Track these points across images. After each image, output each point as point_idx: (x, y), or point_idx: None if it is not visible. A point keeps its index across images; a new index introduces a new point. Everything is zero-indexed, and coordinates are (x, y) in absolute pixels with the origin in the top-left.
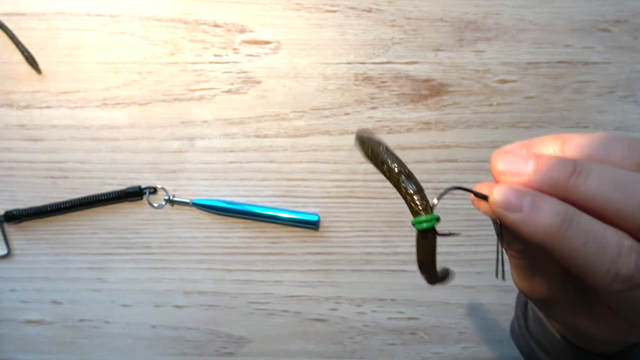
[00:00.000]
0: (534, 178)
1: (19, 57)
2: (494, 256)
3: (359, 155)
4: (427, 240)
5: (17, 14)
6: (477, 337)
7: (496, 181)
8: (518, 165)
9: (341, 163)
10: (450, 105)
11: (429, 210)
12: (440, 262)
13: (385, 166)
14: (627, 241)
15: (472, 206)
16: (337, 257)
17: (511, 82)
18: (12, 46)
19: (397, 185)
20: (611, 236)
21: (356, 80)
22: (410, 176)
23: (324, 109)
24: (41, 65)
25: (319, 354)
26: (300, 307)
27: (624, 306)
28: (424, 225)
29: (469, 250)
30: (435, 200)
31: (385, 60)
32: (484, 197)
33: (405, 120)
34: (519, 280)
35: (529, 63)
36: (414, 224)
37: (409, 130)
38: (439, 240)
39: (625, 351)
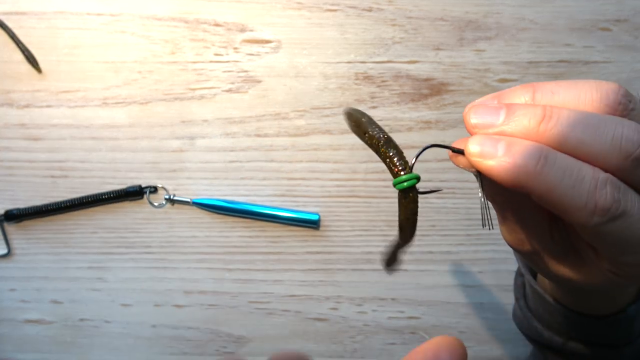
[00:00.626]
0: (506, 127)
1: (19, 56)
2: (494, 256)
3: (359, 154)
4: (408, 199)
5: (18, 13)
6: (478, 337)
7: (471, 135)
8: (490, 117)
9: (342, 162)
10: (451, 104)
11: (408, 170)
12: (441, 262)
13: (367, 135)
14: (602, 174)
15: (472, 205)
16: (337, 257)
17: (511, 81)
18: (13, 45)
19: (378, 151)
20: (586, 170)
21: (357, 79)
22: (389, 140)
23: (325, 108)
24: (41, 65)
25: (319, 353)
26: (300, 307)
27: (604, 241)
28: (405, 184)
29: (469, 249)
30: (413, 160)
31: (385, 59)
32: (461, 152)
33: (405, 119)
34: (507, 234)
35: (530, 62)
36: (394, 185)
37: (410, 129)
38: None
39: (623, 309)
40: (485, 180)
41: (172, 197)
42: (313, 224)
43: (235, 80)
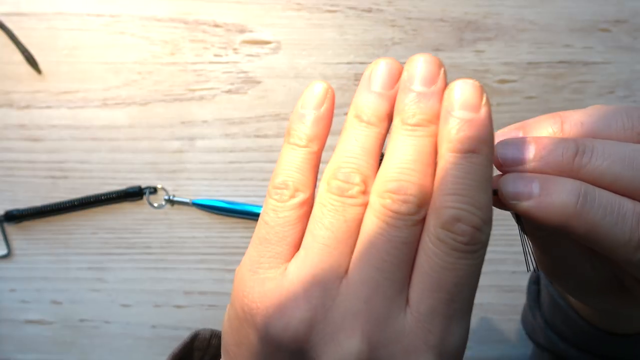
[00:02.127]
0: (538, 164)
1: (19, 57)
2: (493, 256)
3: None
4: None
5: (17, 14)
6: (477, 337)
7: (501, 172)
8: (518, 153)
9: None
10: None
11: None
12: None
13: None
14: None
15: None
16: None
17: (511, 82)
18: (12, 46)
19: None
20: (627, 206)
21: (356, 80)
22: None
23: None
24: (41, 65)
25: None
26: None
27: None
28: None
29: None
30: None
31: None
32: (494, 192)
33: None
34: (546, 268)
35: (529, 63)
36: None
37: None
38: None
39: None
40: (523, 219)
41: (171, 197)
42: None
43: (234, 81)
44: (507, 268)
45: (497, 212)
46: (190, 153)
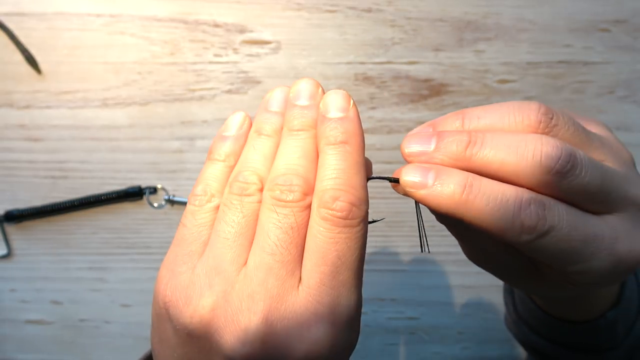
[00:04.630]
0: (436, 154)
1: (19, 57)
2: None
3: None
4: None
5: (18, 14)
6: (477, 337)
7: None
8: (422, 145)
9: None
10: (450, 105)
11: None
12: (440, 263)
13: None
14: (526, 194)
15: None
16: None
17: (511, 82)
18: (13, 46)
19: None
20: (510, 193)
21: (356, 80)
22: None
23: None
24: (41, 66)
25: None
26: None
27: (543, 255)
28: None
29: None
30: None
31: (385, 60)
32: (397, 181)
33: (405, 120)
34: (466, 252)
35: (529, 63)
36: None
37: (409, 130)
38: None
39: (602, 315)
40: (421, 206)
41: (171, 197)
42: None
43: (234, 81)
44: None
45: None
46: (190, 153)
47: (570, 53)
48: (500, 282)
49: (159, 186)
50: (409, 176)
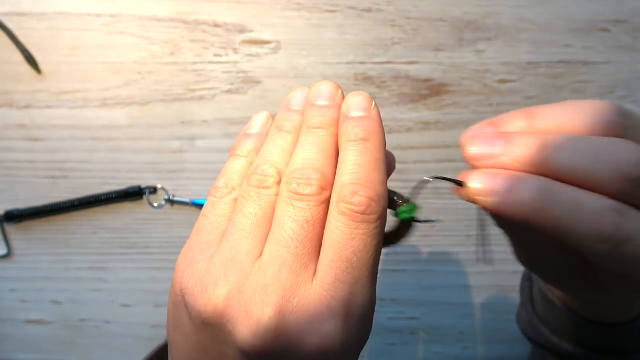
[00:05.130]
0: (505, 158)
1: (19, 57)
2: (493, 256)
3: None
4: (407, 226)
5: (18, 14)
6: (477, 337)
7: (472, 167)
8: (488, 148)
9: None
10: (450, 105)
11: (407, 202)
12: (441, 263)
13: None
14: (605, 202)
15: (472, 206)
16: None
17: (511, 82)
18: (13, 46)
19: None
20: (589, 200)
21: (356, 80)
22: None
23: None
24: (41, 66)
25: None
26: None
27: (615, 266)
28: (406, 215)
29: (469, 250)
30: (413, 191)
31: (385, 60)
32: (462, 184)
33: (405, 120)
34: (521, 259)
35: (529, 63)
36: (398, 215)
37: (409, 130)
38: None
39: (637, 317)
40: (491, 213)
41: (171, 197)
42: None
43: (234, 81)
44: (507, 268)
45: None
46: (190, 153)
47: (571, 53)
48: (501, 282)
49: (159, 186)
50: (478, 183)
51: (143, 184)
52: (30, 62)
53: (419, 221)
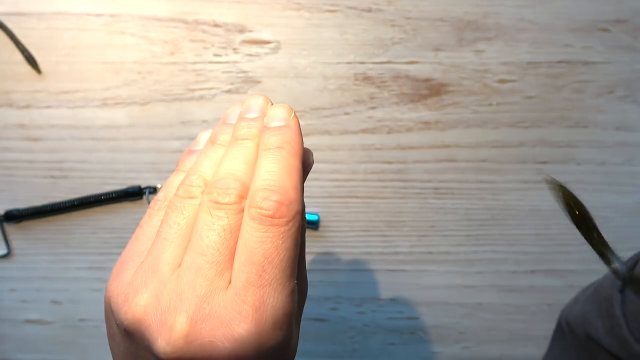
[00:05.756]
0: None
1: (19, 57)
2: (493, 256)
3: (359, 155)
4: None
5: (17, 14)
6: (477, 337)
7: None
8: None
9: (341, 163)
10: (451, 105)
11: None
12: (440, 263)
13: (589, 229)
14: None
15: (471, 206)
16: (337, 257)
17: (511, 82)
18: (12, 46)
19: (591, 238)
20: None
21: (356, 80)
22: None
23: (324, 109)
24: (41, 66)
25: (319, 354)
26: None
27: None
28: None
29: (469, 250)
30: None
31: (385, 60)
32: None
33: (405, 120)
34: None
35: (529, 63)
36: (621, 278)
37: (409, 130)
38: None
39: None
40: None
41: None
42: (312, 225)
43: (234, 81)
44: (507, 268)
45: (495, 212)
46: None
47: (571, 53)
48: (501, 282)
49: (159, 186)
50: None
51: (143, 184)
52: (30, 62)
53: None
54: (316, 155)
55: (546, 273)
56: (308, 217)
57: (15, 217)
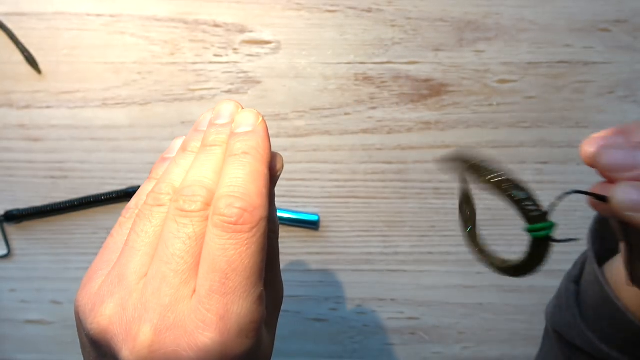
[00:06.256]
0: None
1: (19, 57)
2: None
3: (359, 155)
4: (541, 246)
5: (17, 14)
6: (477, 337)
7: (607, 179)
8: (625, 159)
9: (341, 163)
10: (450, 105)
11: (545, 218)
12: (440, 263)
13: (492, 180)
14: None
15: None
16: (337, 257)
17: (511, 82)
18: (12, 46)
19: (507, 195)
20: None
21: (356, 80)
22: (518, 183)
23: (324, 109)
24: (41, 65)
25: (319, 354)
26: (300, 307)
27: None
28: (542, 232)
29: (469, 250)
30: (546, 207)
31: (385, 60)
32: (603, 199)
33: (405, 120)
34: (634, 276)
35: (529, 63)
36: (529, 231)
37: (409, 130)
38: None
39: None
40: (624, 227)
41: None
42: (312, 225)
43: (234, 81)
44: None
45: (495, 212)
46: None
47: (571, 53)
48: (500, 283)
49: None
50: (625, 197)
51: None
52: (30, 62)
53: (557, 241)
54: (316, 155)
55: (546, 273)
56: (308, 217)
57: (15, 217)
